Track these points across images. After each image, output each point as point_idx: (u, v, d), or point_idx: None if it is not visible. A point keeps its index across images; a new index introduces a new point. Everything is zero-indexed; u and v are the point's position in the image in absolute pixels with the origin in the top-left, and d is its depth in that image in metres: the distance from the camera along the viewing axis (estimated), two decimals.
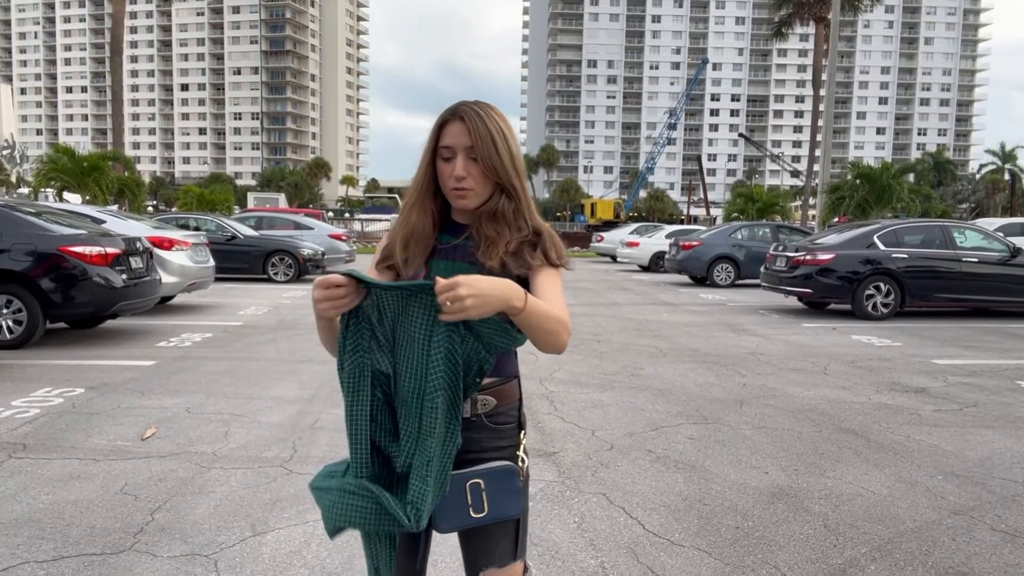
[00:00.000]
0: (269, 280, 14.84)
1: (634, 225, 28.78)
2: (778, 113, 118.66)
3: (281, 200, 50.34)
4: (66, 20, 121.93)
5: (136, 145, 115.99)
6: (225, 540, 2.87)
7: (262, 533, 2.95)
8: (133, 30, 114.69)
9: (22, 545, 2.79)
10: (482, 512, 1.42)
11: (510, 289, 1.29)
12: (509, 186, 1.49)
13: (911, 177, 31.36)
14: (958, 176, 79.21)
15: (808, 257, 10.71)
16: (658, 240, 21.26)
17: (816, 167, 29.75)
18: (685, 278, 17.56)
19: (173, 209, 44.21)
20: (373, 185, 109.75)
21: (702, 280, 16.52)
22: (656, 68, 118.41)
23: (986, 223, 16.53)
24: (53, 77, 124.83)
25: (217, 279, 11.45)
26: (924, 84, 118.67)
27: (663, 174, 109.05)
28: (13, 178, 60.08)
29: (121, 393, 5.21)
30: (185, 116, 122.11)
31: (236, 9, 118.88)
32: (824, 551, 2.89)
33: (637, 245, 21.99)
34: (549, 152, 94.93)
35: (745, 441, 4.34)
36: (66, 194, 24.33)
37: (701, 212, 65.69)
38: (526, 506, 1.50)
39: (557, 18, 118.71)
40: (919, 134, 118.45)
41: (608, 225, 37.93)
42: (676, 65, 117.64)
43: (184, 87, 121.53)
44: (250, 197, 49.97)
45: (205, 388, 5.44)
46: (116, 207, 20.77)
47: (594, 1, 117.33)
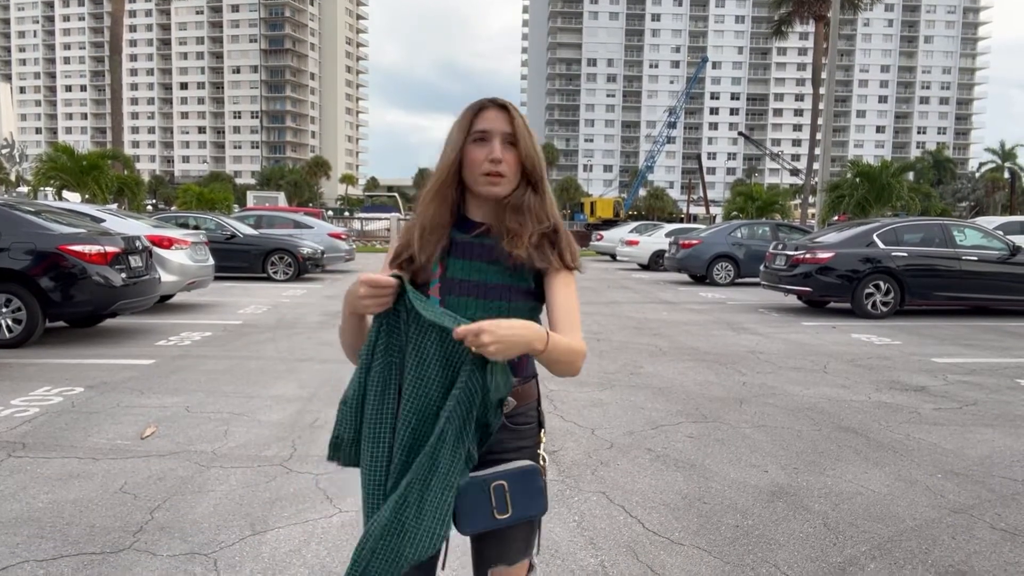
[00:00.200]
0: (268, 279, 14.84)
1: (634, 224, 28.78)
2: (778, 112, 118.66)
3: (280, 199, 50.28)
4: (65, 19, 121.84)
5: (135, 144, 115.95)
6: (225, 539, 2.87)
7: (262, 532, 2.95)
8: (132, 29, 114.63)
9: (21, 544, 2.79)
10: (506, 513, 1.41)
11: (532, 332, 1.31)
12: (538, 179, 1.50)
13: (911, 175, 31.34)
14: (958, 174, 79.24)
15: (808, 256, 10.71)
16: (658, 239, 21.26)
17: (816, 165, 29.74)
18: (685, 277, 17.56)
19: (172, 208, 44.20)
20: (372, 184, 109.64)
21: (702, 279, 16.53)
22: (656, 67, 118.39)
23: (986, 221, 16.51)
24: (52, 76, 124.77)
25: (216, 278, 11.44)
26: (924, 82, 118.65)
27: (663, 173, 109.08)
28: (12, 177, 60.08)
29: (120, 392, 5.21)
30: (184, 115, 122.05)
31: (235, 8, 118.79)
32: (824, 549, 2.89)
33: (637, 244, 21.99)
34: (549, 151, 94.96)
35: (745, 440, 4.34)
36: (65, 193, 24.34)
37: (701, 211, 65.68)
38: (547, 505, 1.50)
39: (557, 17, 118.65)
40: (919, 132, 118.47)
41: (608, 224, 37.89)
42: (676, 64, 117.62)
43: (183, 86, 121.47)
44: (249, 196, 49.90)
45: (204, 387, 5.43)
46: (115, 206, 20.73)
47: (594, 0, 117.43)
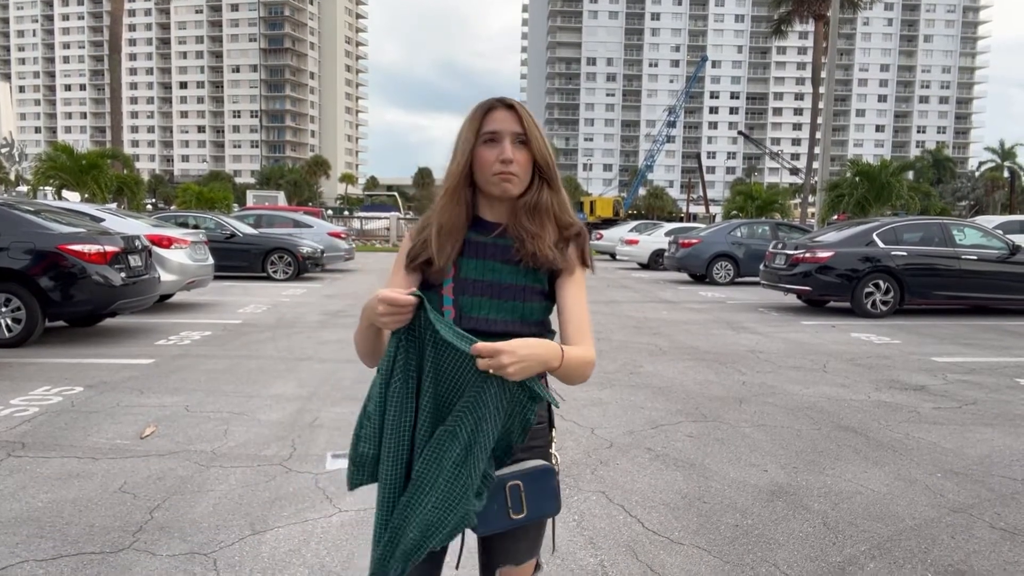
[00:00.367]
0: (268, 278, 14.83)
1: (633, 223, 28.77)
2: (777, 111, 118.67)
3: (280, 198, 50.24)
4: (64, 18, 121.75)
5: (135, 143, 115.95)
6: (224, 539, 2.87)
7: (261, 532, 2.95)
8: (132, 28, 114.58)
9: (21, 544, 2.79)
10: (521, 513, 1.41)
11: (549, 351, 1.32)
12: (550, 179, 1.50)
13: (910, 175, 31.35)
14: (957, 174, 79.24)
15: (807, 255, 10.71)
16: (657, 238, 21.25)
17: (815, 165, 29.75)
18: (684, 276, 17.55)
19: (172, 207, 44.16)
20: (372, 183, 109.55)
21: (701, 278, 16.53)
22: (655, 66, 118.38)
23: (985, 221, 16.53)
24: (52, 75, 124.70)
25: (216, 277, 11.43)
26: (923, 82, 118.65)
27: (662, 172, 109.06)
28: (12, 176, 60.06)
29: (120, 391, 5.20)
30: (184, 114, 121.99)
31: (235, 7, 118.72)
32: (823, 549, 2.89)
33: (636, 243, 21.98)
34: None
35: (744, 439, 4.35)
36: (65, 192, 24.34)
37: (700, 210, 65.71)
38: (560, 506, 1.50)
39: (556, 16, 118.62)
40: (918, 132, 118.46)
41: (607, 223, 37.81)
42: (675, 63, 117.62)
43: (183, 85, 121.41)
44: (249, 195, 49.86)
45: (204, 386, 5.43)
46: (115, 205, 20.75)
47: None
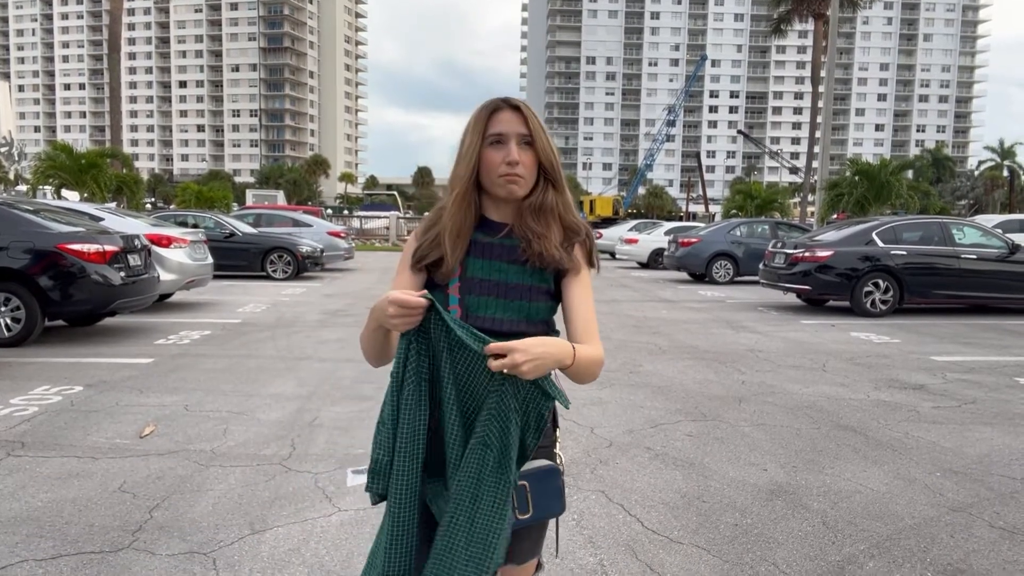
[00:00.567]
0: (268, 277, 14.83)
1: (633, 222, 28.78)
2: (777, 110, 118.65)
3: (280, 197, 50.23)
4: (64, 17, 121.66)
5: (134, 142, 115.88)
6: (224, 538, 2.87)
7: (261, 531, 2.95)
8: (131, 27, 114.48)
9: (21, 543, 2.79)
10: (527, 513, 1.41)
11: (562, 350, 1.34)
12: (555, 179, 1.50)
13: (910, 174, 31.35)
14: (957, 173, 79.21)
15: (807, 254, 10.71)
16: (657, 237, 21.25)
17: (815, 164, 29.74)
18: (684, 275, 17.55)
19: (171, 206, 44.17)
20: (372, 182, 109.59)
21: (701, 277, 16.53)
22: (655, 65, 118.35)
23: (985, 220, 16.53)
24: (51, 74, 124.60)
25: (215, 276, 11.44)
26: (923, 81, 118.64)
27: (662, 171, 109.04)
28: (11, 175, 60.01)
29: (119, 391, 5.20)
30: (183, 113, 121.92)
31: (234, 6, 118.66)
32: (823, 548, 2.89)
33: (636, 242, 21.98)
34: None
35: (744, 438, 4.35)
36: (64, 191, 24.33)
37: (700, 209, 65.70)
38: (565, 506, 1.50)
39: (556, 15, 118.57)
40: (918, 131, 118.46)
41: (607, 222, 37.80)
42: (675, 62, 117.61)
43: (182, 84, 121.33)
44: (249, 194, 49.86)
45: (204, 386, 5.43)
46: (114, 204, 20.73)
47: None
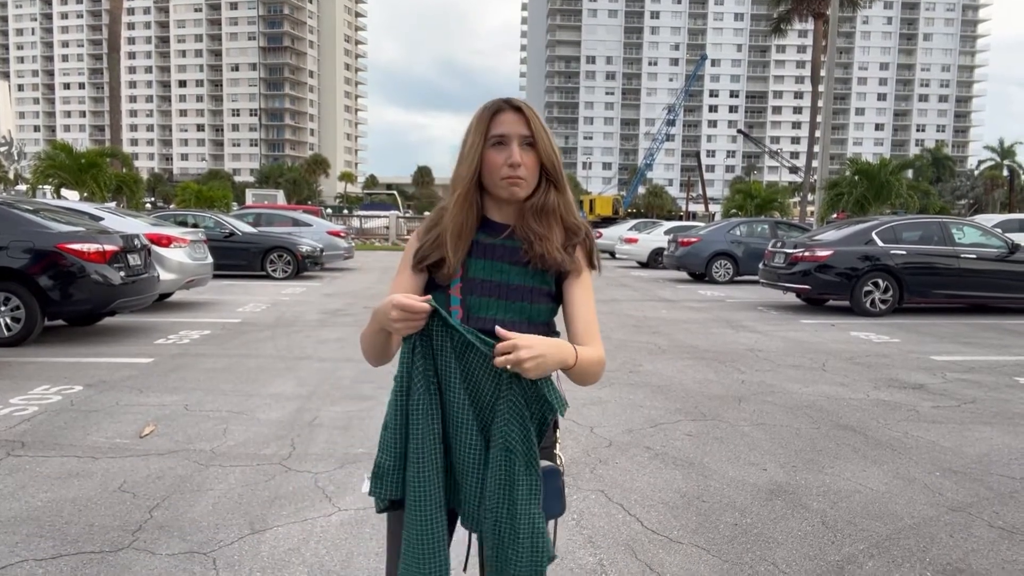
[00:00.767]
0: (267, 277, 14.83)
1: (633, 221, 28.77)
2: (777, 109, 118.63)
3: (279, 197, 50.24)
4: (63, 16, 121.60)
5: (134, 142, 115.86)
6: (224, 538, 2.87)
7: (261, 531, 2.95)
8: (131, 26, 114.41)
9: (21, 543, 2.79)
10: None
11: (564, 349, 1.33)
12: (557, 180, 1.50)
13: (909, 173, 31.35)
14: (957, 172, 79.22)
15: (807, 253, 10.71)
16: (657, 236, 21.25)
17: (815, 163, 29.74)
18: (684, 274, 17.56)
19: (171, 206, 44.18)
20: (372, 181, 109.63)
21: (701, 276, 16.53)
22: (655, 64, 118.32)
23: (984, 219, 16.53)
24: (51, 74, 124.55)
25: (215, 276, 11.43)
26: (923, 80, 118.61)
27: (662, 170, 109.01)
28: (11, 175, 59.98)
29: (119, 390, 5.20)
30: (183, 113, 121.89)
31: (234, 5, 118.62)
32: (822, 548, 2.89)
33: (636, 241, 21.98)
34: None
35: (743, 438, 4.35)
36: (64, 191, 24.32)
37: (700, 208, 65.70)
38: (565, 506, 1.50)
39: (556, 14, 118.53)
40: (918, 130, 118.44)
41: (607, 221, 37.79)
42: (675, 61, 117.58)
43: (182, 83, 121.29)
44: (248, 194, 49.85)
45: (203, 385, 5.43)
46: (114, 204, 20.72)
47: None
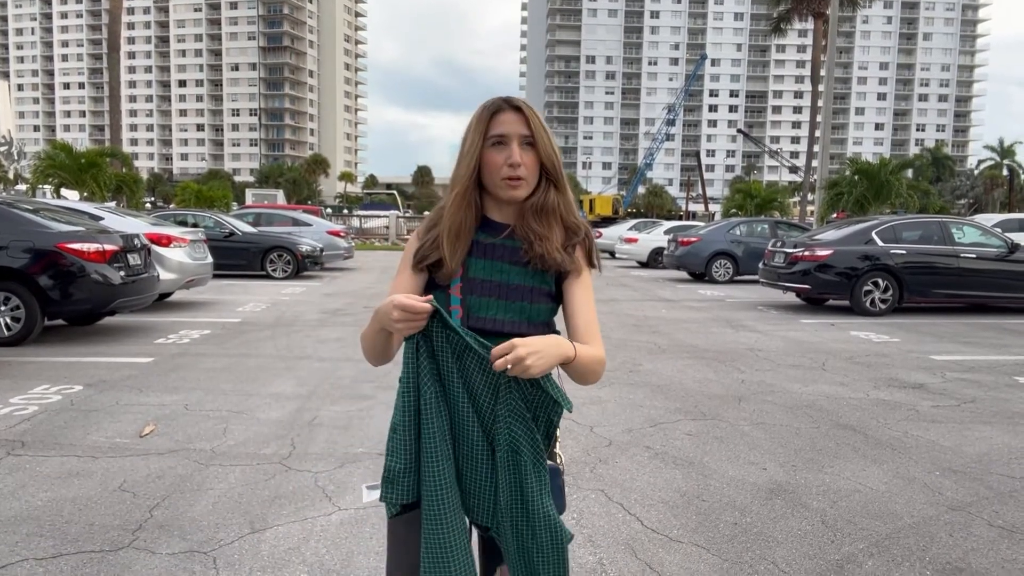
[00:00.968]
0: (267, 277, 14.83)
1: (632, 221, 28.76)
2: (777, 109, 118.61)
3: (279, 196, 50.26)
4: (63, 16, 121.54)
5: (134, 141, 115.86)
6: (224, 537, 2.88)
7: (261, 530, 2.95)
8: (130, 26, 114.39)
9: (21, 542, 2.79)
10: None
11: (561, 343, 1.33)
12: (557, 179, 1.49)
13: (909, 173, 31.33)
14: (956, 172, 79.25)
15: (806, 253, 10.71)
16: (657, 236, 21.25)
17: (815, 163, 29.75)
18: (683, 274, 17.56)
19: (171, 206, 44.15)
20: (371, 181, 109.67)
21: (701, 276, 16.53)
22: (655, 64, 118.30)
23: (984, 219, 16.53)
24: (50, 73, 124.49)
25: (215, 276, 11.44)
26: (923, 80, 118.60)
27: (662, 170, 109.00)
28: (11, 175, 59.94)
29: (119, 390, 5.21)
30: (183, 112, 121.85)
31: (234, 5, 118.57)
32: (822, 547, 2.90)
33: (636, 241, 21.98)
34: None
35: (743, 437, 4.35)
36: (64, 191, 24.32)
37: (700, 208, 65.68)
38: (565, 505, 1.51)
39: (555, 14, 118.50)
40: (917, 130, 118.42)
41: (607, 221, 37.81)
42: (675, 61, 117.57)
43: (182, 83, 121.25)
44: (248, 193, 49.88)
45: (203, 385, 5.43)
46: (114, 204, 20.73)
47: None
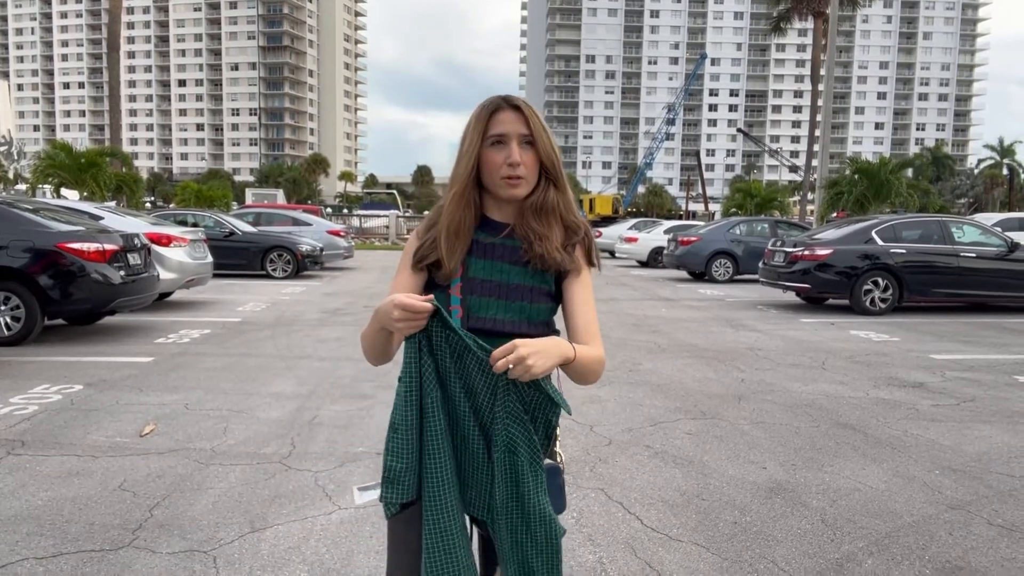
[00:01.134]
0: (267, 276, 14.83)
1: (632, 220, 28.75)
2: (776, 108, 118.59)
3: (279, 196, 50.30)
4: (63, 16, 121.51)
5: (134, 141, 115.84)
6: (224, 536, 2.88)
7: (261, 529, 2.95)
8: (130, 26, 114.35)
9: (21, 542, 2.79)
10: None
11: (560, 343, 1.33)
12: (557, 178, 1.49)
13: (909, 172, 31.34)
14: (956, 171, 79.25)
15: (806, 252, 10.71)
16: (656, 236, 21.24)
17: (815, 162, 29.74)
18: (683, 274, 17.56)
19: (171, 205, 44.18)
20: (371, 181, 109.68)
21: (700, 275, 16.53)
22: (654, 63, 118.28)
23: (984, 218, 16.53)
24: (50, 73, 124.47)
25: (215, 275, 11.43)
26: (923, 79, 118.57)
27: (661, 169, 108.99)
28: (11, 174, 59.95)
29: (119, 390, 5.21)
30: (183, 112, 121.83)
31: (233, 5, 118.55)
32: (821, 546, 2.90)
33: (635, 241, 21.97)
34: None
35: (743, 436, 4.35)
36: (64, 190, 24.33)
37: (699, 207, 65.67)
38: (566, 504, 1.50)
39: (555, 13, 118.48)
40: (917, 129, 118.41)
41: (606, 221, 37.79)
42: (675, 60, 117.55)
43: (181, 83, 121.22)
44: (248, 193, 49.93)
45: (203, 384, 5.44)
46: (114, 203, 20.73)
47: None
